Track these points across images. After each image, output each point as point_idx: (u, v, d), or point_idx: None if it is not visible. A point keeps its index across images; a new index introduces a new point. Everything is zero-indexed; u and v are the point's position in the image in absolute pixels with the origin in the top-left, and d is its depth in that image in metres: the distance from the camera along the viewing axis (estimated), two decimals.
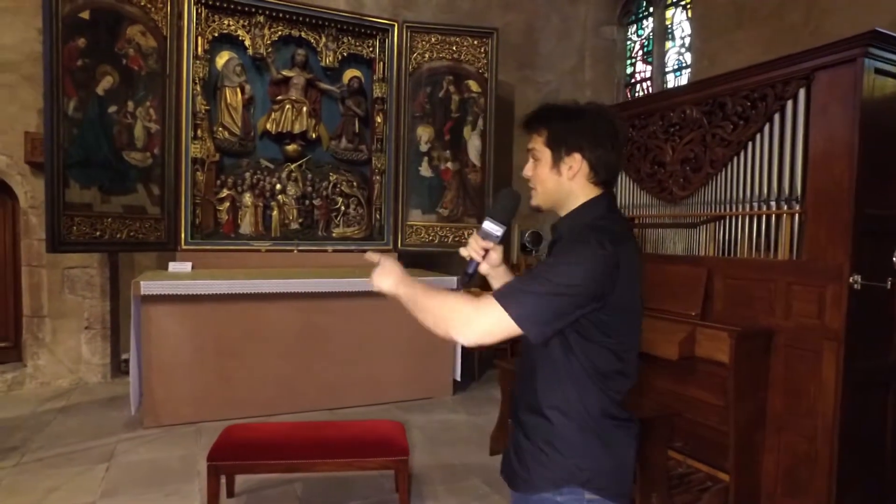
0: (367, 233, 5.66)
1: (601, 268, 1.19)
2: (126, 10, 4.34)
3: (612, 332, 1.26)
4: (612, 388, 1.29)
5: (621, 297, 1.23)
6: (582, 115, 1.32)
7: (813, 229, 2.65)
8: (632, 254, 1.28)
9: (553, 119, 1.33)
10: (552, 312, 1.18)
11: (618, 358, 1.28)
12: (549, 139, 1.33)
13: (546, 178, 1.35)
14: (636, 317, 1.33)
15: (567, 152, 1.31)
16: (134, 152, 4.42)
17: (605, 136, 1.30)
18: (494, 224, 1.40)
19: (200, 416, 3.99)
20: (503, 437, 3.64)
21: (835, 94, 2.57)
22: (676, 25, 5.59)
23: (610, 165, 1.32)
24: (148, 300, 3.84)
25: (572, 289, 1.17)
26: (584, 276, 1.18)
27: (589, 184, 1.33)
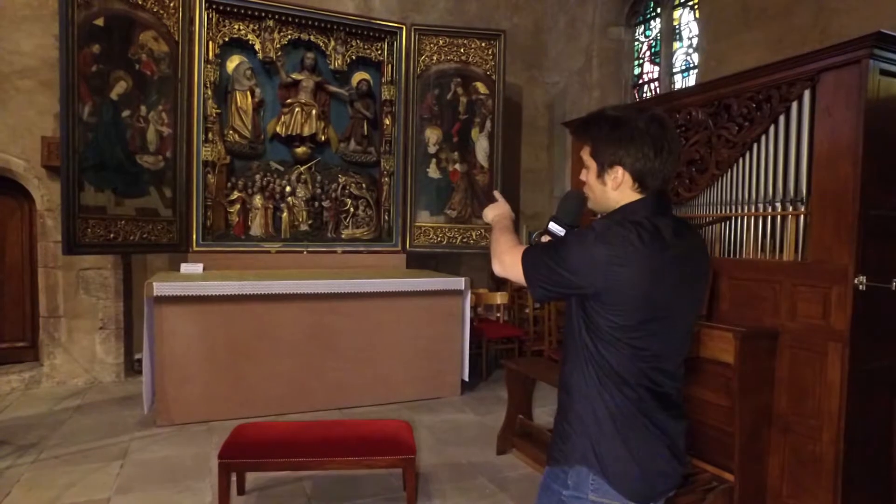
0: (375, 234, 5.72)
1: (587, 261, 1.22)
2: (139, 17, 4.43)
3: (624, 334, 1.25)
4: (634, 390, 1.28)
5: (628, 299, 1.23)
6: (622, 125, 1.31)
7: (818, 230, 2.65)
8: (663, 257, 1.24)
9: (595, 131, 1.36)
10: (548, 282, 1.29)
11: (638, 362, 1.27)
12: (593, 151, 1.37)
13: (594, 186, 1.39)
14: (664, 324, 1.28)
15: (609, 164, 1.33)
16: (147, 156, 4.50)
17: (648, 145, 1.28)
18: (558, 226, 1.43)
19: (212, 415, 4.06)
20: (510, 437, 3.67)
21: (840, 95, 2.57)
22: (684, 26, 5.58)
23: (655, 174, 1.30)
24: (160, 301, 3.91)
25: (564, 272, 1.26)
26: (571, 263, 1.25)
27: (634, 193, 1.33)
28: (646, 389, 1.28)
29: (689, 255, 1.32)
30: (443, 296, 4.77)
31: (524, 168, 6.96)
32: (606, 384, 1.28)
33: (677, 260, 1.27)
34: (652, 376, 1.29)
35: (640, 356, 1.27)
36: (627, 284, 1.22)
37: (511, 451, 3.67)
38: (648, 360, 1.28)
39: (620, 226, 1.25)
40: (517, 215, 6.78)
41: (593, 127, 1.36)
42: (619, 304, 1.24)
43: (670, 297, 1.27)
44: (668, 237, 1.26)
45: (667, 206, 1.36)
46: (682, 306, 1.31)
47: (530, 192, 7.01)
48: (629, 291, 1.23)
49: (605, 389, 1.28)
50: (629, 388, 1.27)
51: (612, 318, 1.25)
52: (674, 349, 1.33)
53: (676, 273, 1.28)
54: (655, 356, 1.28)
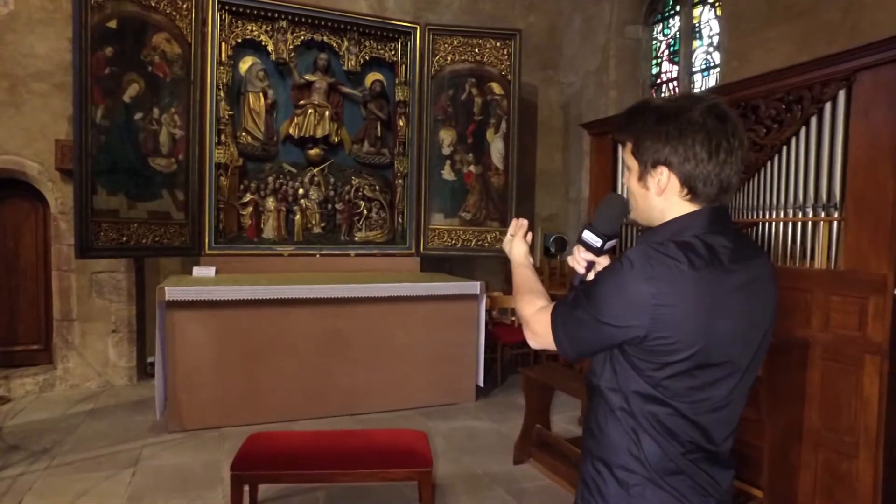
0: (389, 237, 5.65)
1: (627, 303, 1.00)
2: (152, 19, 4.39)
3: (674, 382, 1.03)
4: (683, 445, 1.05)
5: (679, 342, 0.99)
6: (672, 118, 1.06)
7: (854, 237, 2.54)
8: (722, 287, 1.01)
9: (638, 123, 1.12)
10: (587, 342, 1.08)
11: (692, 415, 1.04)
12: (634, 147, 1.13)
13: (636, 191, 1.16)
14: (725, 369, 1.04)
15: (652, 165, 1.10)
16: (159, 158, 4.47)
17: (701, 141, 1.04)
18: (594, 235, 1.23)
19: (224, 420, 4.01)
20: (528, 447, 3.58)
21: (879, 95, 2.46)
22: (704, 24, 5.44)
23: (708, 179, 1.05)
24: (173, 305, 3.87)
25: (604, 324, 1.03)
26: (610, 310, 1.02)
27: (683, 201, 1.09)
28: (696, 445, 1.05)
29: (754, 282, 1.06)
30: (458, 300, 4.69)
31: (539, 169, 6.85)
32: (648, 437, 1.06)
33: (740, 290, 1.03)
34: (707, 429, 1.06)
35: (694, 408, 1.04)
36: (679, 325, 0.98)
37: (528, 461, 3.58)
38: (704, 413, 1.04)
39: (663, 251, 1.01)
40: (531, 218, 6.69)
41: (636, 119, 1.13)
42: (668, 348, 1.00)
43: (732, 337, 1.03)
44: (726, 261, 1.02)
45: (725, 221, 1.10)
46: (745, 345, 1.06)
47: (545, 194, 6.90)
48: (681, 333, 0.99)
49: (645, 443, 1.06)
50: (677, 443, 1.04)
51: (659, 364, 1.02)
52: (738, 396, 1.08)
53: (738, 306, 1.03)
54: (713, 408, 1.05)
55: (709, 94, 1.17)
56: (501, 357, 5.37)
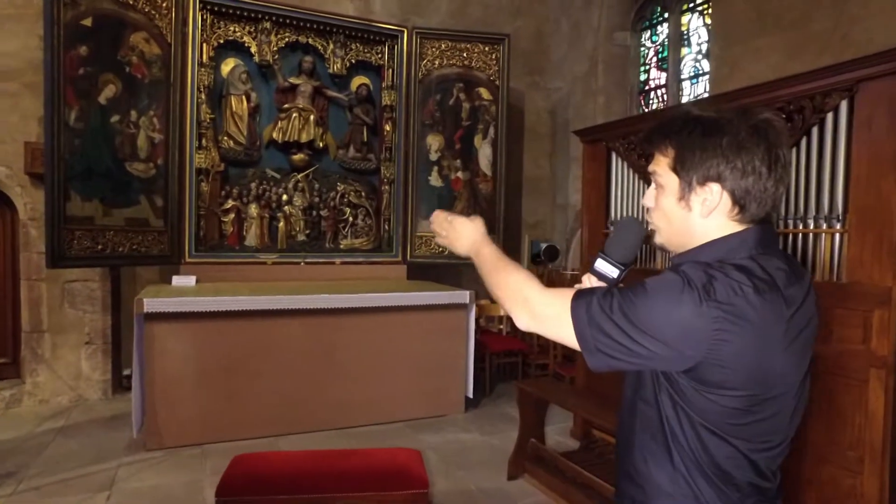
0: (375, 244, 5.52)
1: (682, 324, 0.88)
2: (129, 17, 4.22)
3: (736, 420, 0.94)
4: (739, 489, 0.98)
5: (740, 375, 0.90)
6: (724, 128, 0.95)
7: (857, 250, 2.50)
8: (784, 314, 0.92)
9: (683, 134, 0.99)
10: (619, 351, 0.92)
11: (751, 454, 0.96)
12: (676, 161, 1.00)
13: (671, 212, 1.02)
14: (781, 403, 0.96)
15: (701, 181, 0.97)
16: (137, 163, 4.28)
17: (760, 156, 0.94)
18: (608, 264, 1.11)
19: (205, 437, 3.84)
20: (522, 462, 3.49)
21: (881, 107, 2.43)
22: (693, 31, 5.45)
23: (763, 197, 0.96)
24: (151, 317, 3.69)
25: (646, 339, 0.90)
26: (656, 327, 0.89)
27: (731, 222, 0.99)
28: (752, 486, 0.98)
29: (805, 305, 0.98)
30: (447, 310, 4.58)
31: (526, 176, 6.80)
32: (704, 482, 0.96)
33: (794, 315, 0.94)
34: (763, 468, 0.98)
35: (754, 447, 0.95)
36: (740, 357, 0.89)
37: (523, 477, 3.49)
38: (763, 451, 0.97)
39: (723, 272, 0.90)
40: (519, 225, 6.63)
41: (679, 131, 0.99)
42: (728, 381, 0.90)
43: (790, 366, 0.95)
44: (783, 285, 0.93)
45: (774, 241, 1.01)
46: (799, 374, 0.98)
47: (532, 201, 6.84)
48: (742, 365, 0.89)
49: (702, 489, 0.96)
50: (733, 487, 0.96)
51: (718, 398, 0.92)
52: (789, 430, 1.00)
53: (796, 332, 0.95)
54: (771, 446, 0.97)
55: (757, 107, 1.02)
56: (490, 366, 5.28)
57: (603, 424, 3.29)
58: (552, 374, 5.07)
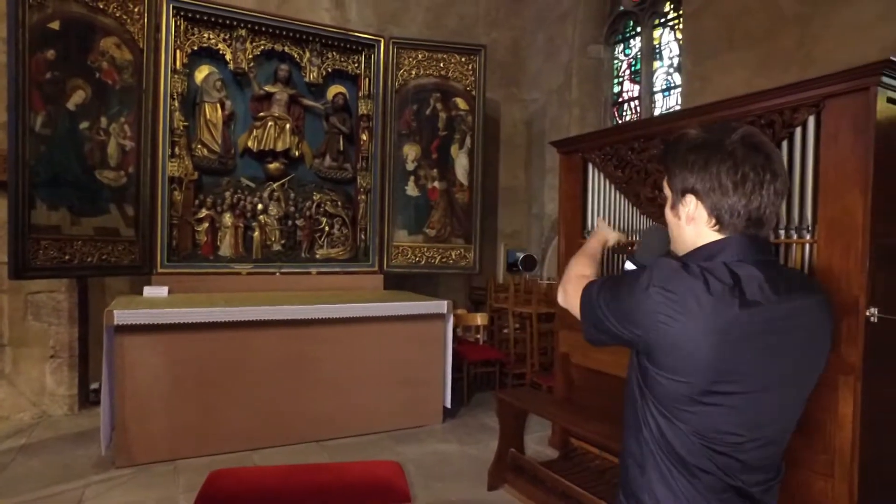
0: (351, 254, 5.48)
1: (636, 307, 1.04)
2: (100, 22, 4.12)
3: (681, 405, 1.02)
4: (697, 477, 1.04)
5: (683, 362, 0.99)
6: (702, 147, 1.07)
7: (826, 260, 2.59)
8: (738, 315, 0.99)
9: (671, 153, 1.15)
10: (598, 324, 1.15)
11: (701, 444, 1.03)
12: (669, 177, 1.16)
13: (670, 220, 1.18)
14: (739, 400, 1.01)
15: (682, 193, 1.11)
16: (107, 171, 4.17)
17: (727, 172, 1.03)
18: (636, 266, 1.31)
19: (178, 452, 3.73)
20: (502, 472, 3.49)
21: (846, 122, 2.52)
22: (664, 46, 5.59)
23: (735, 210, 1.04)
24: (122, 330, 3.58)
25: (612, 315, 1.11)
26: (620, 307, 1.09)
27: (711, 231, 1.09)
28: (718, 479, 1.04)
29: (791, 316, 1.03)
30: (424, 319, 4.57)
31: (502, 186, 6.85)
32: (668, 464, 1.06)
33: (766, 322, 1.00)
34: (720, 463, 1.04)
35: (712, 438, 1.02)
36: (682, 343, 0.99)
37: (503, 487, 3.48)
38: (714, 443, 1.03)
39: (685, 270, 1.02)
40: (495, 235, 6.67)
41: (671, 148, 1.15)
42: (673, 366, 1.01)
43: (749, 368, 1.01)
44: (750, 291, 1.00)
45: (760, 252, 1.07)
46: (772, 380, 1.03)
47: (508, 211, 6.90)
48: (684, 353, 0.99)
49: (669, 470, 1.06)
50: (693, 476, 1.04)
51: (667, 383, 1.02)
52: (758, 435, 1.04)
53: (761, 337, 1.00)
54: (734, 441, 1.03)
55: (743, 123, 1.12)
56: (467, 376, 5.27)
57: (582, 433, 3.31)
58: (529, 384, 5.09)
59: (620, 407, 1.24)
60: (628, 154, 3.54)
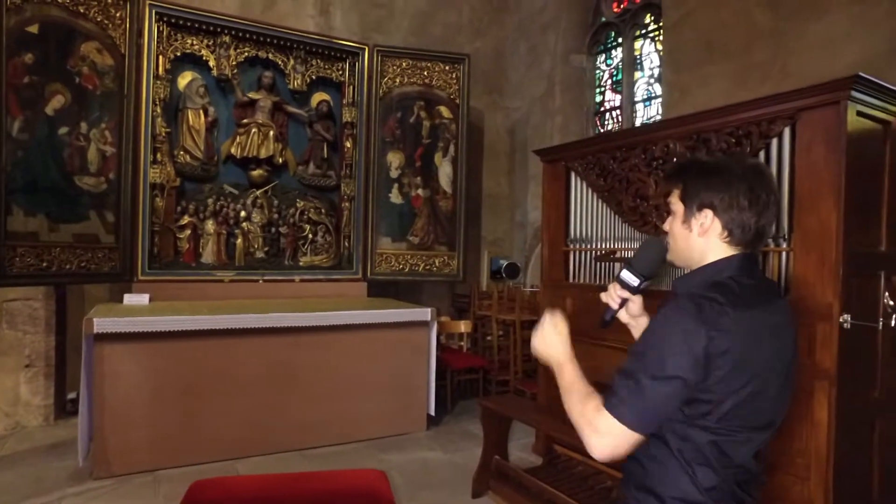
0: (335, 261, 5.47)
1: (688, 349, 1.11)
2: (80, 26, 4.08)
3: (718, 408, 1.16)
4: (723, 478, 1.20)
5: (726, 371, 1.14)
6: (719, 171, 1.25)
7: (801, 268, 2.65)
8: (756, 321, 1.18)
9: (689, 173, 1.30)
10: (654, 411, 1.14)
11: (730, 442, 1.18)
12: (682, 193, 1.29)
13: (678, 233, 1.31)
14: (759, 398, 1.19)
15: (699, 208, 1.26)
16: (87, 177, 4.12)
17: (744, 192, 1.21)
18: (632, 275, 1.36)
19: (159, 462, 3.68)
20: (486, 479, 3.50)
21: (819, 134, 2.59)
22: (645, 56, 5.70)
23: (746, 226, 1.22)
24: (101, 338, 3.53)
25: (672, 380, 1.12)
26: (676, 363, 1.11)
27: (722, 243, 1.26)
28: (734, 470, 1.20)
29: (779, 320, 1.25)
30: (408, 327, 4.57)
31: (485, 193, 6.89)
32: (688, 459, 1.18)
33: (769, 327, 1.21)
34: (740, 453, 1.20)
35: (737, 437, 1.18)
36: (731, 360, 1.13)
37: (487, 494, 3.49)
38: (746, 441, 1.19)
39: (703, 297, 1.16)
40: (478, 242, 6.70)
41: (687, 168, 1.32)
42: (723, 383, 1.14)
43: (766, 369, 1.20)
44: (751, 298, 1.19)
45: (754, 267, 1.28)
46: (777, 378, 1.23)
47: (492, 218, 6.94)
48: (732, 367, 1.13)
49: (689, 466, 1.18)
50: (713, 467, 1.18)
51: (709, 403, 1.16)
52: (765, 426, 1.24)
53: (770, 341, 1.21)
54: (748, 437, 1.20)
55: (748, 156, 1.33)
56: (451, 383, 5.28)
57: (565, 440, 3.34)
58: (513, 391, 5.11)
59: None
60: (610, 163, 3.60)
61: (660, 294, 3.03)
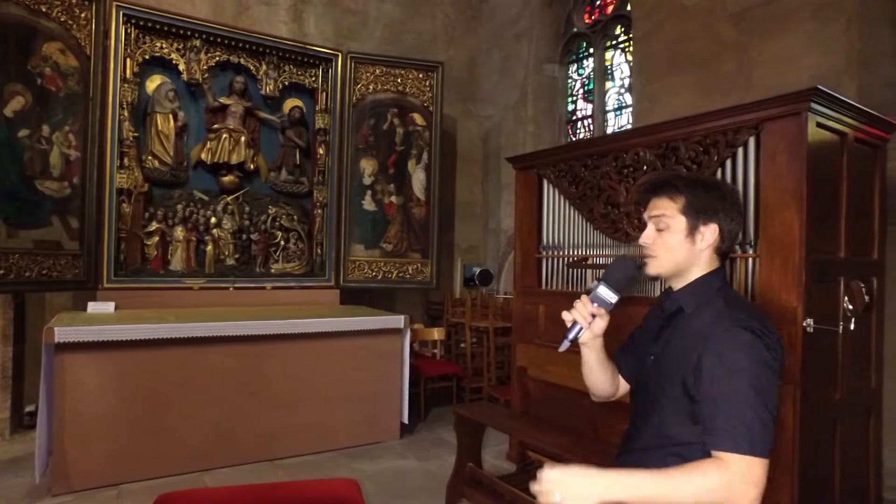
0: (307, 268, 5.41)
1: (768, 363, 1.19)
2: (42, 26, 3.97)
3: None
4: None
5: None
6: (716, 185, 1.37)
7: (766, 273, 2.72)
8: None
9: (693, 187, 1.35)
10: (772, 423, 1.15)
11: None
12: (686, 206, 1.33)
13: (676, 246, 1.33)
14: None
15: (705, 221, 1.32)
16: (49, 181, 4.00)
17: (736, 207, 1.35)
18: (610, 290, 1.35)
19: (122, 476, 3.56)
20: (460, 487, 3.48)
21: (782, 144, 2.67)
22: (616, 67, 5.80)
23: (734, 236, 1.36)
24: (63, 347, 3.41)
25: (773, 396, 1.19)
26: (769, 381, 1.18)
27: (713, 254, 1.36)
28: None
29: None
30: (381, 335, 4.53)
31: (459, 201, 6.91)
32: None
33: None
34: None
35: None
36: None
37: (461, 502, 3.47)
38: None
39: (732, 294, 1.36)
40: (452, 249, 6.71)
41: (688, 185, 1.35)
42: None
43: None
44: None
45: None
46: None
47: (465, 225, 6.96)
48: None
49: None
50: None
51: None
52: None
53: None
54: None
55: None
56: (424, 391, 5.25)
57: (539, 446, 3.35)
58: (487, 398, 5.11)
59: (577, 419, 1.29)
60: (582, 171, 3.65)
61: (640, 301, 3.08)
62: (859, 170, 2.97)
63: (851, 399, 2.92)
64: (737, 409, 1.09)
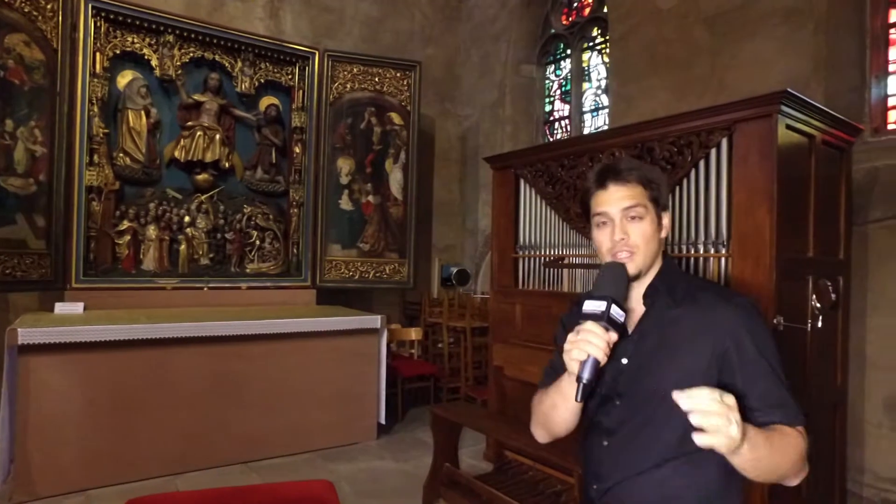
0: (283, 268, 5.34)
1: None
2: (4, 16, 3.84)
3: None
4: None
5: None
6: (660, 173, 1.35)
7: (739, 272, 2.77)
8: None
9: (655, 173, 1.32)
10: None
11: None
12: (652, 194, 1.26)
13: (651, 237, 1.25)
14: None
15: (664, 209, 1.29)
16: (13, 178, 3.87)
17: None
18: (620, 309, 1.14)
19: (90, 481, 3.47)
20: (437, 487, 3.47)
21: (754, 145, 2.72)
22: (593, 68, 5.86)
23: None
24: (27, 349, 3.31)
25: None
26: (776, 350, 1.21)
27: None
28: None
29: None
30: (358, 335, 4.50)
31: (436, 200, 6.90)
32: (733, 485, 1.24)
33: None
34: None
35: None
36: None
37: (438, 502, 3.46)
38: None
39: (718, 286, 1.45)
40: (429, 249, 6.70)
41: (653, 169, 1.33)
42: None
43: None
44: None
45: None
46: None
47: (443, 225, 6.95)
48: None
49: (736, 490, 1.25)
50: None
51: None
52: None
53: None
54: None
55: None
56: (401, 391, 5.23)
57: (516, 445, 3.36)
58: (464, 398, 5.11)
59: None
60: (559, 171, 3.67)
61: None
62: (826, 172, 3.04)
63: (819, 395, 2.99)
64: (782, 385, 1.16)
